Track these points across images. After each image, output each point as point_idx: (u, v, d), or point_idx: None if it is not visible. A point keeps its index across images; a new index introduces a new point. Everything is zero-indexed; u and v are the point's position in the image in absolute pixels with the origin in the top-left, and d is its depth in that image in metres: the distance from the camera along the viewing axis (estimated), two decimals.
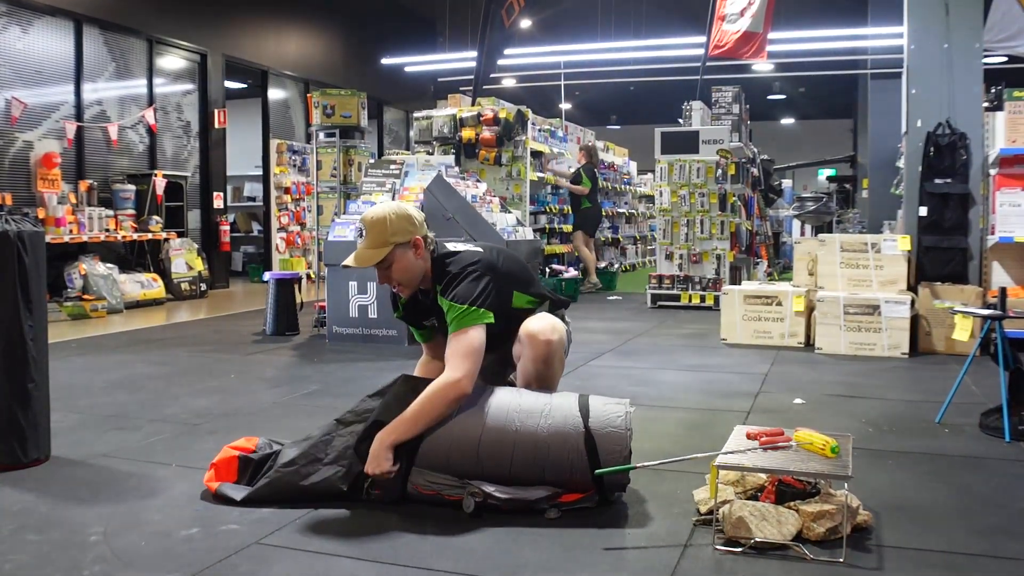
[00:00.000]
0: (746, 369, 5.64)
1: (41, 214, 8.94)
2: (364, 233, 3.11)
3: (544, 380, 3.22)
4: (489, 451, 2.87)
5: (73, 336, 7.24)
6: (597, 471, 2.80)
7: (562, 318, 3.39)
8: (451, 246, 3.25)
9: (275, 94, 14.39)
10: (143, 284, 9.81)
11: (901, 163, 8.46)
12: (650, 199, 16.83)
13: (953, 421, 4.10)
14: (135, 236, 10.17)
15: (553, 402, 2.99)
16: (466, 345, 2.98)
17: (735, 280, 9.12)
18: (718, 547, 2.53)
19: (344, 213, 7.32)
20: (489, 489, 2.82)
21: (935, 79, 6.50)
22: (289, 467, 2.97)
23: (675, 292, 9.30)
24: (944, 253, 6.40)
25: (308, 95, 9.17)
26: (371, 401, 3.10)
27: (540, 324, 3.21)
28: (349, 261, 3.15)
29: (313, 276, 10.97)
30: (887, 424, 4.11)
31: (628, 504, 2.93)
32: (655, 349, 6.49)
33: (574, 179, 11.41)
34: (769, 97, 24.38)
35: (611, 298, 10.61)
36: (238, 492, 2.96)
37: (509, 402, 2.97)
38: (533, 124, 11.05)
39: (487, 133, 10.49)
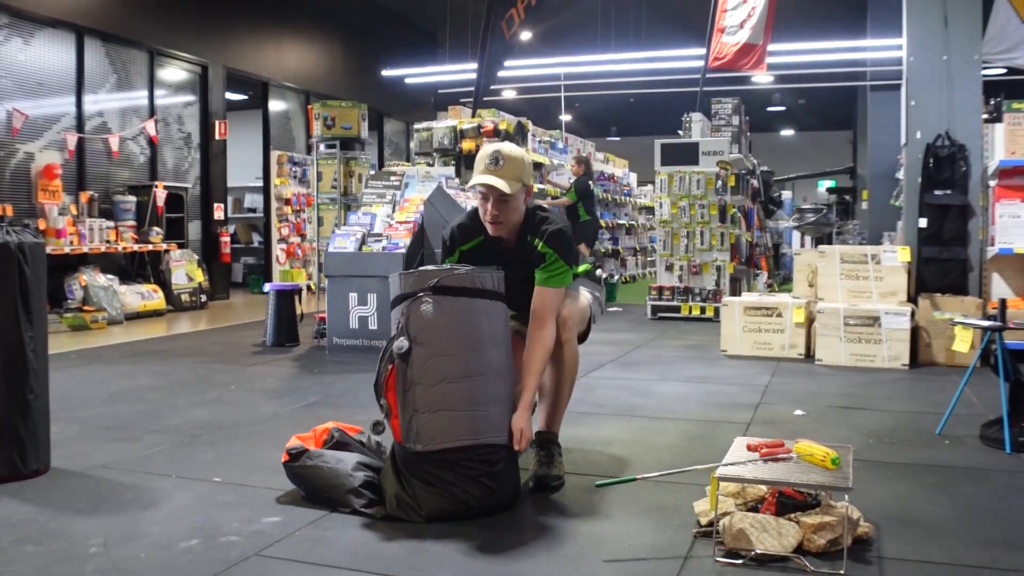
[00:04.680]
0: (746, 381, 5.64)
1: (42, 225, 8.94)
2: (501, 163, 3.14)
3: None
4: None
5: (73, 347, 7.24)
6: (597, 483, 2.80)
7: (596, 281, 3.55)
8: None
9: (276, 105, 14.42)
10: (143, 295, 9.81)
11: (901, 175, 8.48)
12: (650, 210, 16.86)
13: (954, 433, 4.10)
14: (136, 247, 10.18)
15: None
16: (560, 301, 3.21)
17: (735, 291, 9.12)
18: (719, 559, 2.52)
19: (344, 224, 7.33)
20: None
21: (934, 91, 6.52)
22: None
23: (675, 304, 9.30)
24: (944, 264, 6.40)
25: (309, 106, 9.19)
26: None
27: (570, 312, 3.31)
28: (492, 182, 3.11)
29: (313, 287, 10.98)
30: (888, 436, 4.10)
31: (629, 516, 2.92)
32: (655, 361, 6.49)
33: (565, 192, 11.33)
34: (769, 109, 24.43)
35: (611, 309, 10.61)
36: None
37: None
38: (533, 136, 11.07)
39: None
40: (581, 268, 3.49)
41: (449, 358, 2.92)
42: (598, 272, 3.62)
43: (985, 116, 6.72)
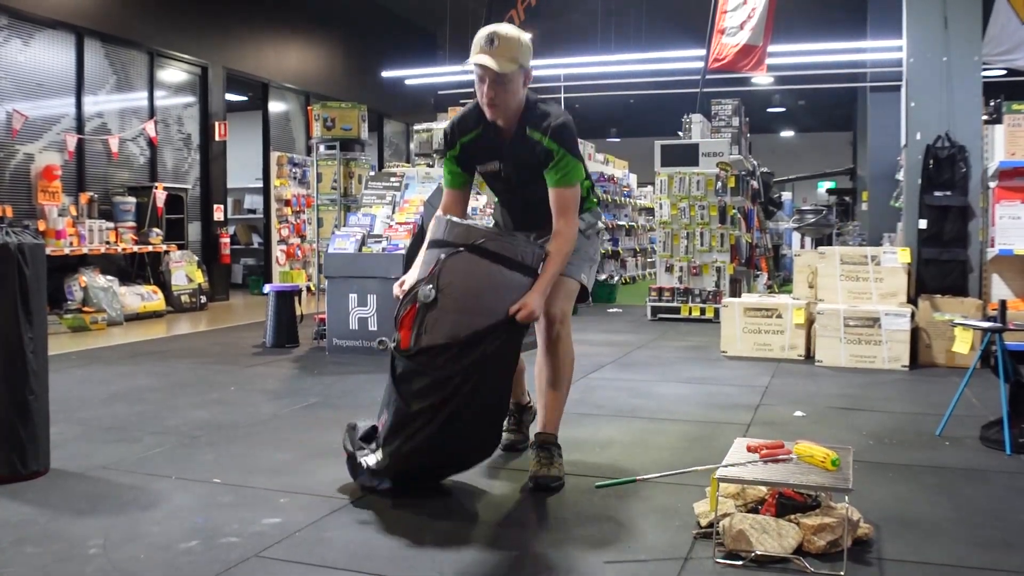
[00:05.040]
0: (746, 382, 5.64)
1: (42, 226, 8.94)
2: (496, 43, 3.10)
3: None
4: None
5: (73, 348, 7.24)
6: (597, 484, 2.80)
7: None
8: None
9: (276, 107, 14.42)
10: (143, 296, 9.81)
11: (901, 176, 8.47)
12: (650, 211, 16.85)
13: (954, 434, 4.10)
14: (135, 248, 10.17)
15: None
16: (575, 199, 3.20)
17: (735, 292, 9.12)
18: (718, 560, 2.52)
19: (344, 225, 7.33)
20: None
21: (934, 92, 6.52)
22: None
23: (675, 304, 9.29)
24: (944, 265, 6.40)
25: (309, 107, 9.18)
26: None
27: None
28: (485, 61, 3.07)
29: (313, 288, 10.97)
30: (888, 437, 4.10)
31: (629, 517, 2.92)
32: (655, 362, 6.49)
33: None
34: (769, 110, 24.42)
35: (611, 310, 10.61)
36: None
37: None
38: None
39: None
40: (589, 204, 3.43)
41: (465, 318, 2.98)
42: (598, 209, 3.62)
43: (985, 117, 6.72)
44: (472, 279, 3.00)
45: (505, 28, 3.17)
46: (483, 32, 3.16)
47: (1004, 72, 9.22)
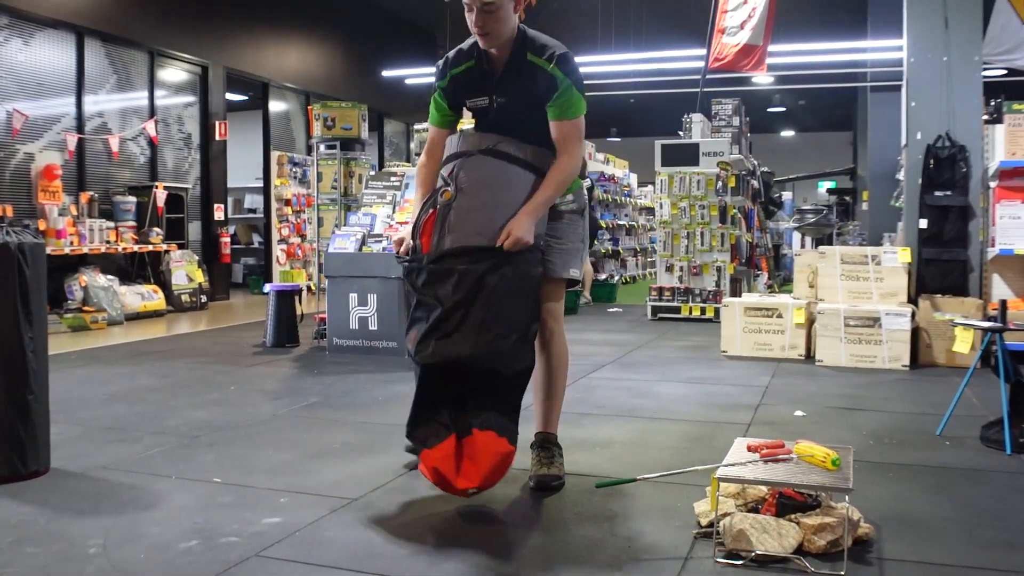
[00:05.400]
0: (747, 381, 5.63)
1: (42, 226, 8.94)
2: None
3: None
4: None
5: (73, 348, 7.24)
6: (597, 483, 2.80)
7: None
8: None
9: (276, 106, 14.42)
10: (143, 296, 9.81)
11: (901, 176, 8.48)
12: (650, 211, 16.86)
13: (954, 433, 4.10)
14: (136, 248, 10.18)
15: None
16: (580, 131, 3.14)
17: (735, 292, 9.12)
18: (719, 560, 2.52)
19: (344, 225, 7.33)
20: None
21: (935, 92, 6.52)
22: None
23: (675, 304, 9.29)
24: (944, 265, 6.40)
25: (309, 107, 9.18)
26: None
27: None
28: None
29: (313, 288, 10.97)
30: (888, 436, 4.10)
31: (629, 517, 2.92)
32: (655, 361, 6.49)
33: None
34: (769, 110, 24.43)
35: (611, 310, 10.61)
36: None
37: None
38: None
39: None
40: (573, 186, 3.32)
41: (486, 214, 3.01)
42: (583, 190, 3.58)
43: (985, 117, 6.72)
44: (489, 175, 3.05)
45: None
46: None
47: (1004, 72, 9.22)
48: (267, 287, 7.62)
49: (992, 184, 6.23)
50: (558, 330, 3.28)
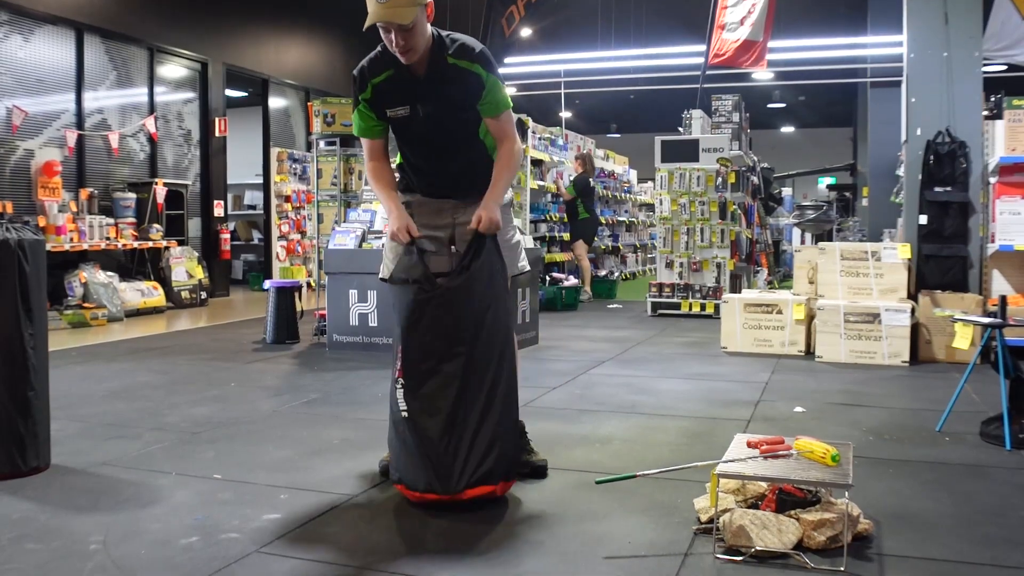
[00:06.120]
0: (746, 378, 5.64)
1: (42, 222, 8.94)
2: None
3: None
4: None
5: (73, 344, 7.24)
6: (597, 480, 2.80)
7: None
8: None
9: (276, 103, 14.40)
10: (143, 292, 9.81)
11: (901, 171, 8.47)
12: (650, 207, 16.84)
13: (954, 429, 4.10)
14: (135, 244, 10.17)
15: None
16: (511, 120, 3.22)
17: (735, 288, 9.12)
18: (719, 556, 2.52)
19: (344, 221, 7.33)
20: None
21: (935, 88, 6.51)
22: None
23: (675, 300, 9.29)
24: (944, 261, 6.40)
25: (309, 104, 9.19)
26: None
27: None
28: (387, 18, 2.91)
29: (313, 284, 10.97)
30: (888, 432, 4.10)
31: (629, 513, 2.92)
32: (655, 358, 6.49)
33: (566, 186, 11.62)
34: (769, 106, 24.40)
35: (611, 306, 10.61)
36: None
37: None
38: (533, 132, 11.05)
39: None
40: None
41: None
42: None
43: (985, 113, 6.71)
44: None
45: None
46: None
47: (1005, 68, 9.23)
48: (267, 283, 7.62)
49: (992, 180, 6.23)
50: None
